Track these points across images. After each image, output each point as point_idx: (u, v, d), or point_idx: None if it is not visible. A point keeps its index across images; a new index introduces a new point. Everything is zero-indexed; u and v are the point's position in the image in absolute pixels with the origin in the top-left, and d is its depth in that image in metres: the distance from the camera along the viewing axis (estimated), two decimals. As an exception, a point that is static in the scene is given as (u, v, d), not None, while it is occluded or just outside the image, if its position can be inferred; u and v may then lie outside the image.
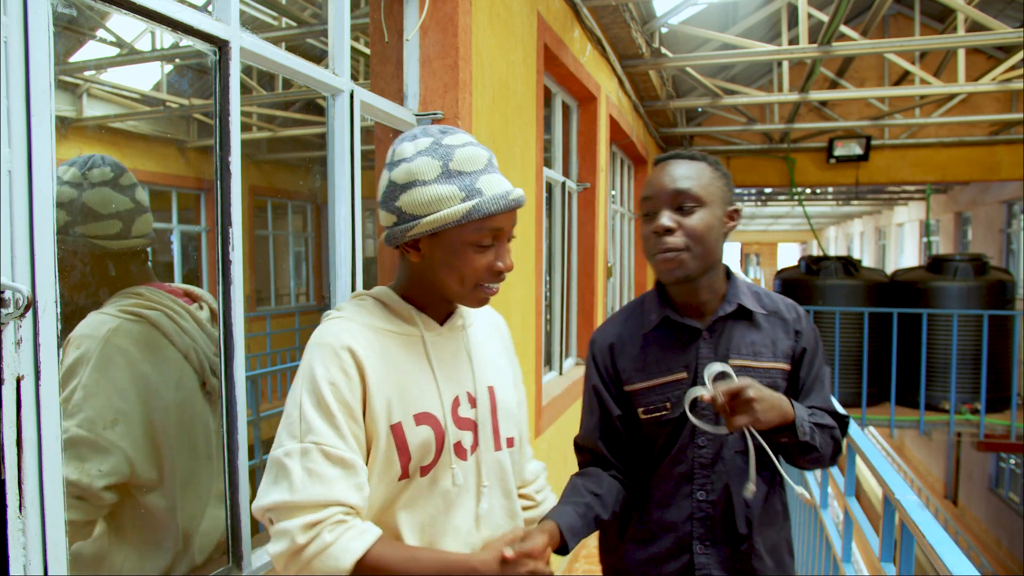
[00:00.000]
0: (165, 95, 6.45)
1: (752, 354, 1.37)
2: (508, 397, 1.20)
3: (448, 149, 1.05)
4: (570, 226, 4.41)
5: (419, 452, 1.05)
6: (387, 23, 2.22)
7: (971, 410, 6.28)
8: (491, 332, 1.25)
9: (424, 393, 1.08)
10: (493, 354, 1.21)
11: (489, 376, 1.17)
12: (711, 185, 1.33)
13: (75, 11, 1.17)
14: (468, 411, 1.12)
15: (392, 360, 1.06)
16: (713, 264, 1.35)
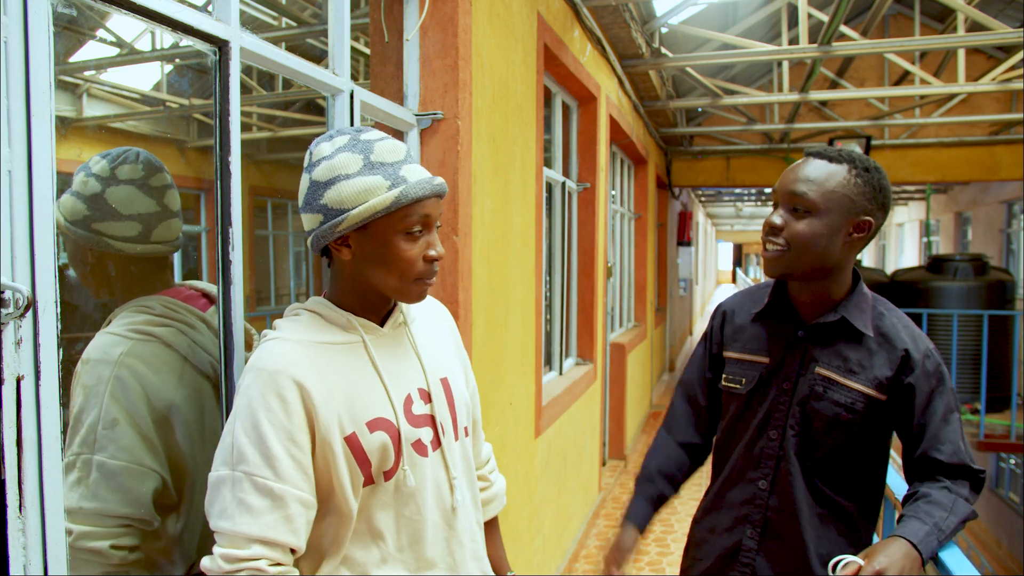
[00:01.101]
0: (165, 95, 6.45)
1: (843, 370, 1.36)
2: (461, 386, 1.21)
3: (367, 143, 1.06)
4: (570, 226, 4.41)
5: (378, 458, 1.05)
6: (387, 23, 2.22)
7: (971, 410, 6.28)
8: (436, 323, 1.24)
9: (374, 399, 1.06)
10: (441, 345, 1.22)
11: (441, 368, 1.17)
12: (835, 192, 1.30)
13: (75, 11, 1.17)
14: (422, 407, 1.12)
15: (335, 372, 1.04)
16: (822, 271, 1.34)
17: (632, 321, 7.27)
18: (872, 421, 1.36)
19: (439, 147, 2.23)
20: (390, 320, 1.13)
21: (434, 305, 1.29)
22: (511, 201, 2.79)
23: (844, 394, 1.35)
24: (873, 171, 1.33)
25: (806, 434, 1.37)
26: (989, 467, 9.95)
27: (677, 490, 1.57)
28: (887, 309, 1.42)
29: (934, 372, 1.34)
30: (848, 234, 1.32)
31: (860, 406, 1.34)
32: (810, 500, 1.37)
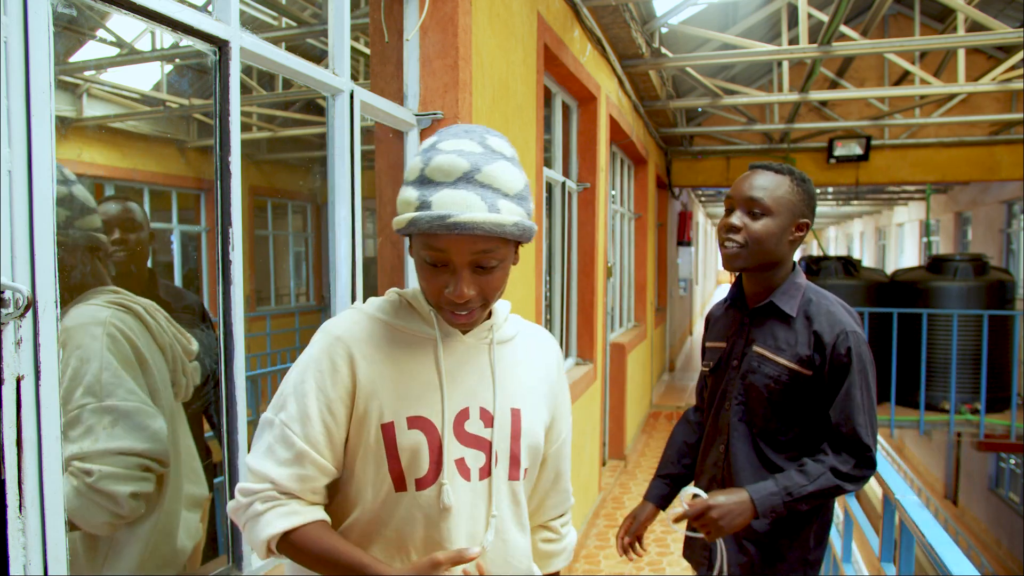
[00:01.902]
0: (165, 95, 6.45)
1: (773, 347, 1.60)
2: (535, 426, 1.09)
3: (435, 153, 0.97)
4: (570, 226, 4.41)
5: (409, 458, 0.99)
6: (387, 23, 2.21)
7: (971, 410, 6.28)
8: (535, 355, 1.14)
9: (424, 397, 1.02)
10: (530, 377, 1.11)
11: (516, 398, 1.07)
12: (783, 198, 1.56)
13: (75, 11, 1.17)
14: (480, 428, 1.03)
15: (395, 357, 1.02)
16: (769, 264, 1.59)
17: (632, 321, 7.27)
18: (798, 392, 1.56)
19: (439, 147, 2.23)
20: (476, 331, 1.07)
21: (543, 339, 1.18)
22: (511, 201, 2.78)
23: (772, 368, 1.58)
24: (808, 182, 1.61)
25: (748, 403, 1.62)
26: (989, 467, 9.95)
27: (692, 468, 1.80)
28: (818, 296, 1.61)
29: (845, 353, 1.52)
30: (792, 232, 1.58)
31: (785, 379, 1.56)
32: (753, 459, 1.61)
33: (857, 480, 1.50)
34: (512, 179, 0.95)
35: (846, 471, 1.49)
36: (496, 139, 0.99)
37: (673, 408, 7.93)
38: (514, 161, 0.98)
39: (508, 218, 0.92)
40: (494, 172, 0.94)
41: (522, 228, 0.95)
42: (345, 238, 1.80)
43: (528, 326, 1.17)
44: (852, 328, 1.54)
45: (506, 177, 0.94)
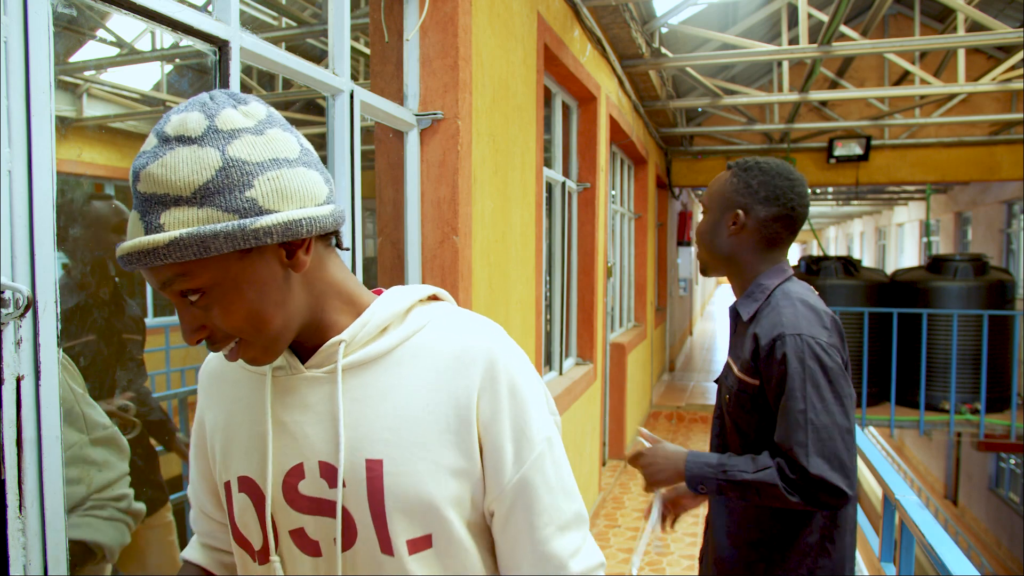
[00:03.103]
0: (165, 95, 6.45)
1: (733, 356, 1.50)
2: (416, 479, 0.74)
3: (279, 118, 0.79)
4: (570, 226, 4.41)
5: (243, 526, 0.81)
6: (387, 23, 2.21)
7: (971, 410, 6.28)
8: (430, 370, 0.77)
9: (251, 451, 0.80)
10: (411, 406, 0.76)
11: (375, 443, 0.75)
12: (716, 193, 1.52)
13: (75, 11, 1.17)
14: (321, 489, 0.76)
15: (233, 399, 0.84)
16: (726, 263, 1.53)
17: (632, 321, 7.27)
18: (749, 405, 1.44)
19: (439, 147, 2.23)
20: (320, 354, 0.78)
21: (459, 346, 0.78)
22: (511, 201, 2.78)
23: (730, 378, 1.49)
24: (753, 170, 1.49)
25: (720, 418, 1.56)
26: (989, 467, 9.95)
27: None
28: (784, 296, 1.44)
29: (780, 360, 1.35)
30: (728, 226, 1.51)
31: (735, 389, 1.47)
32: None
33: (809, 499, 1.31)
34: (188, 170, 0.65)
35: (794, 479, 1.31)
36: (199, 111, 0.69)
37: (673, 408, 7.93)
38: (208, 138, 0.67)
39: (163, 236, 0.65)
40: (156, 172, 0.66)
41: (192, 241, 0.64)
42: (345, 238, 1.80)
43: (440, 328, 0.79)
44: (792, 331, 1.36)
45: (177, 171, 0.65)
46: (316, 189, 0.72)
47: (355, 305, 0.79)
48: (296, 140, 0.73)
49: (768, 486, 1.34)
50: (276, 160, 0.69)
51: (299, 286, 0.74)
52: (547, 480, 0.77)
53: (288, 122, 0.75)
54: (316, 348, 0.79)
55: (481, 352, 0.77)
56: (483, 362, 0.76)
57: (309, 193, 0.71)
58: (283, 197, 0.69)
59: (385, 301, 0.80)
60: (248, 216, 0.67)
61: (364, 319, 0.78)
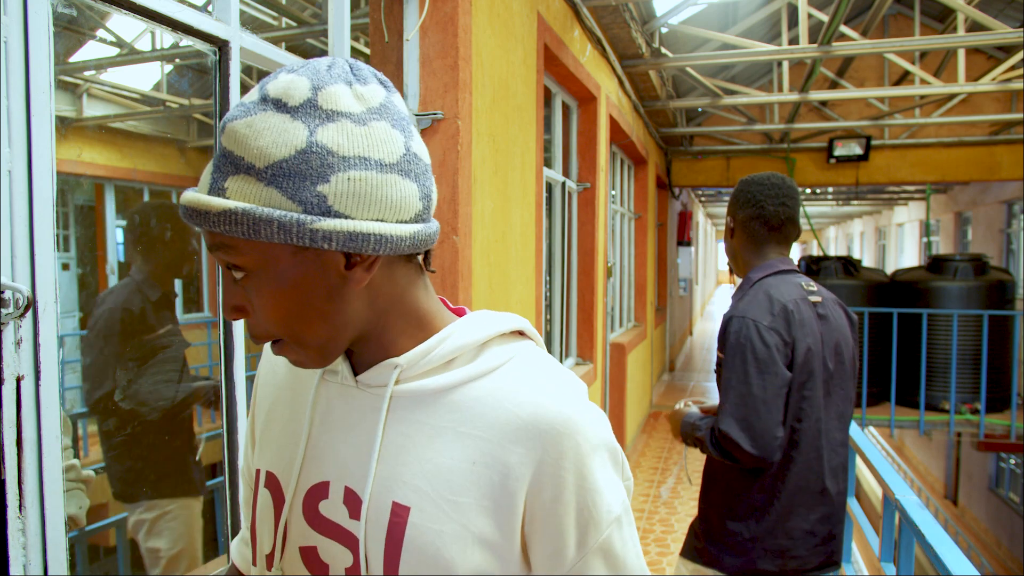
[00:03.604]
0: (165, 95, 6.45)
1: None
2: (439, 539, 0.65)
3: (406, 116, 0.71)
4: (570, 226, 4.41)
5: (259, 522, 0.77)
6: (387, 23, 2.22)
7: (971, 410, 6.28)
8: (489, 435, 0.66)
9: (285, 448, 0.76)
10: (454, 458, 0.66)
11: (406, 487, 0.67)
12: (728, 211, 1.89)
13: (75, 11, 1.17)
14: (342, 516, 0.69)
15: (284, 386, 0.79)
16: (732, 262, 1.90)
17: (632, 321, 7.27)
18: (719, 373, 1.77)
19: (439, 147, 2.23)
20: (375, 371, 0.70)
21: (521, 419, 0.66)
22: (511, 201, 2.79)
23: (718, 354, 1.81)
24: (738, 184, 1.88)
25: None
26: (989, 467, 9.95)
27: None
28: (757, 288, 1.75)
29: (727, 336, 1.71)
30: (728, 233, 1.90)
31: (716, 362, 1.80)
32: None
33: (727, 455, 1.68)
34: (269, 140, 0.59)
35: (715, 436, 1.71)
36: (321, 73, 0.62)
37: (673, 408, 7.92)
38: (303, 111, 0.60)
39: (218, 202, 0.59)
40: (241, 131, 0.60)
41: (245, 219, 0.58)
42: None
43: (514, 378, 0.68)
44: (740, 314, 1.68)
45: (259, 138, 0.59)
46: (405, 203, 0.63)
47: (425, 330, 0.70)
48: (403, 142, 0.63)
49: (704, 441, 1.74)
50: (366, 159, 0.60)
51: (358, 299, 0.66)
52: (614, 563, 0.67)
53: (407, 119, 0.66)
54: (373, 364, 0.70)
55: (551, 421, 0.65)
56: (551, 433, 0.64)
57: (393, 206, 0.62)
58: (360, 202, 0.60)
59: (459, 330, 0.69)
60: (312, 212, 0.59)
61: (428, 346, 0.68)
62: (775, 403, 1.64)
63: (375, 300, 0.67)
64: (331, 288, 0.63)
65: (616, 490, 0.67)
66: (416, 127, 0.67)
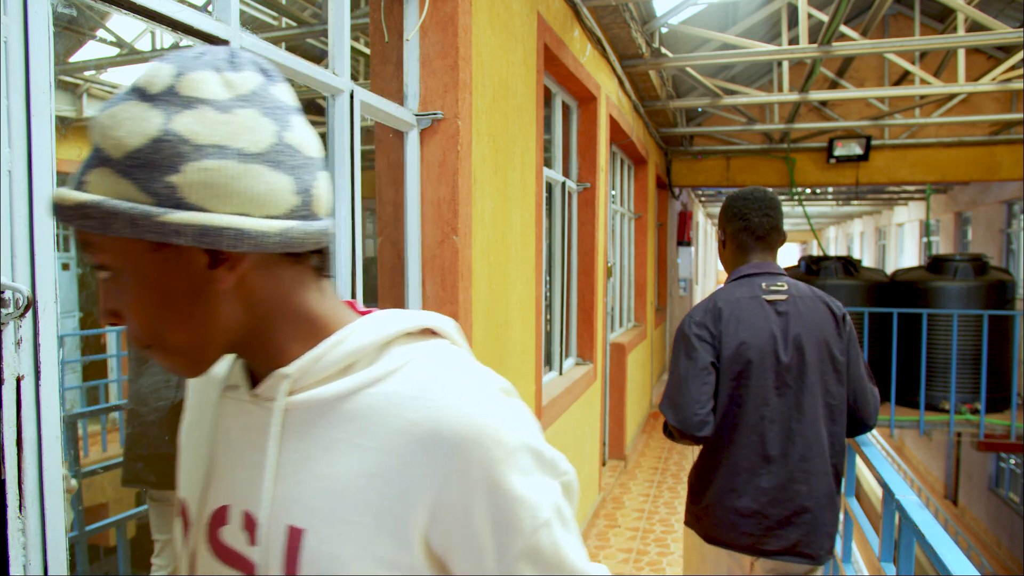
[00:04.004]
0: (165, 95, 6.44)
1: None
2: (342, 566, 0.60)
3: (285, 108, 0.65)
4: (570, 226, 4.41)
5: (178, 552, 0.72)
6: (387, 23, 2.21)
7: (971, 410, 6.28)
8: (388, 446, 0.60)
9: (193, 473, 0.71)
10: (355, 473, 0.60)
11: (302, 509, 0.61)
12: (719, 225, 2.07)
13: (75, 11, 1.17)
14: (242, 543, 0.64)
15: (195, 410, 0.75)
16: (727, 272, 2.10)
17: (632, 321, 7.27)
18: None
19: (439, 147, 2.23)
20: (268, 382, 0.64)
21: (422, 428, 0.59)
22: (511, 201, 2.79)
23: None
24: (725, 200, 2.06)
25: None
26: (989, 467, 9.95)
27: None
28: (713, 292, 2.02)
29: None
30: (720, 246, 2.11)
31: None
32: None
33: (665, 430, 2.00)
34: (126, 130, 0.55)
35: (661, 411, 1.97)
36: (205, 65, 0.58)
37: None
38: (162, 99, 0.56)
39: (71, 195, 0.56)
40: (103, 121, 0.57)
41: (96, 212, 0.55)
42: (345, 238, 1.80)
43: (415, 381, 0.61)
44: (688, 314, 1.97)
45: (117, 128, 0.56)
46: (273, 197, 0.57)
47: (318, 335, 0.64)
48: (274, 131, 0.58)
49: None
50: (223, 148, 0.55)
51: (229, 303, 0.60)
52: (545, 564, 0.61)
53: (296, 111, 0.62)
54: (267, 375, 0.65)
55: (454, 427, 0.58)
56: (455, 441, 0.58)
57: (257, 199, 0.57)
58: (215, 194, 0.55)
59: (356, 331, 0.63)
60: (164, 204, 0.54)
61: (320, 351, 0.62)
62: (695, 383, 1.88)
63: (255, 305, 0.62)
64: (194, 289, 0.59)
65: (543, 493, 0.61)
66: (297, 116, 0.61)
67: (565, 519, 0.63)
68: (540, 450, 0.63)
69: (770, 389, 1.88)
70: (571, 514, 0.65)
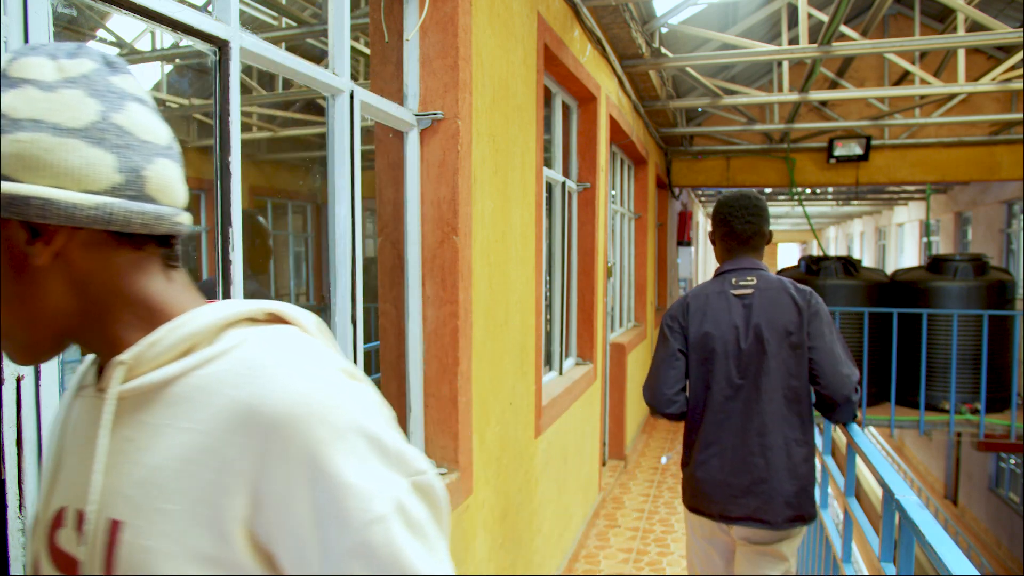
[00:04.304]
0: (165, 95, 6.45)
1: None
2: (155, 561, 0.56)
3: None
4: (570, 226, 4.41)
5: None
6: (387, 23, 2.21)
7: (971, 410, 6.28)
8: (206, 429, 0.57)
9: (44, 481, 0.68)
10: (167, 470, 0.57)
11: (121, 503, 0.58)
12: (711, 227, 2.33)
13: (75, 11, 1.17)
14: (72, 543, 0.61)
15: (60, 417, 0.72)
16: None
17: (632, 321, 7.27)
18: None
19: (439, 147, 2.23)
20: (104, 376, 0.63)
21: (240, 409, 0.56)
22: (511, 201, 2.78)
23: None
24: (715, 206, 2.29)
25: None
26: (989, 467, 9.95)
27: None
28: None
29: None
30: (715, 246, 2.35)
31: None
32: None
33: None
34: None
35: None
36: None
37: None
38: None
39: None
40: None
41: None
42: (345, 238, 1.80)
43: (240, 361, 0.58)
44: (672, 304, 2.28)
45: None
46: (91, 172, 0.57)
47: (157, 322, 0.62)
48: (99, 111, 0.58)
49: None
50: (39, 122, 0.56)
51: (58, 284, 0.59)
52: (380, 564, 0.55)
53: (139, 101, 0.61)
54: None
55: (275, 404, 0.55)
56: (274, 418, 0.55)
57: (72, 172, 0.56)
58: (26, 165, 0.55)
59: (194, 316, 0.61)
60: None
61: (156, 336, 0.60)
62: (664, 368, 2.23)
63: (85, 288, 0.60)
64: (15, 265, 0.58)
65: (380, 484, 0.55)
66: (139, 105, 0.61)
67: (412, 521, 0.57)
68: (380, 438, 0.57)
69: (732, 373, 2.16)
70: (425, 519, 0.58)
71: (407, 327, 2.24)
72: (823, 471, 2.91)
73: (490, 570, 2.57)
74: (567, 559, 3.87)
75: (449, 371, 2.23)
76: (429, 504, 0.59)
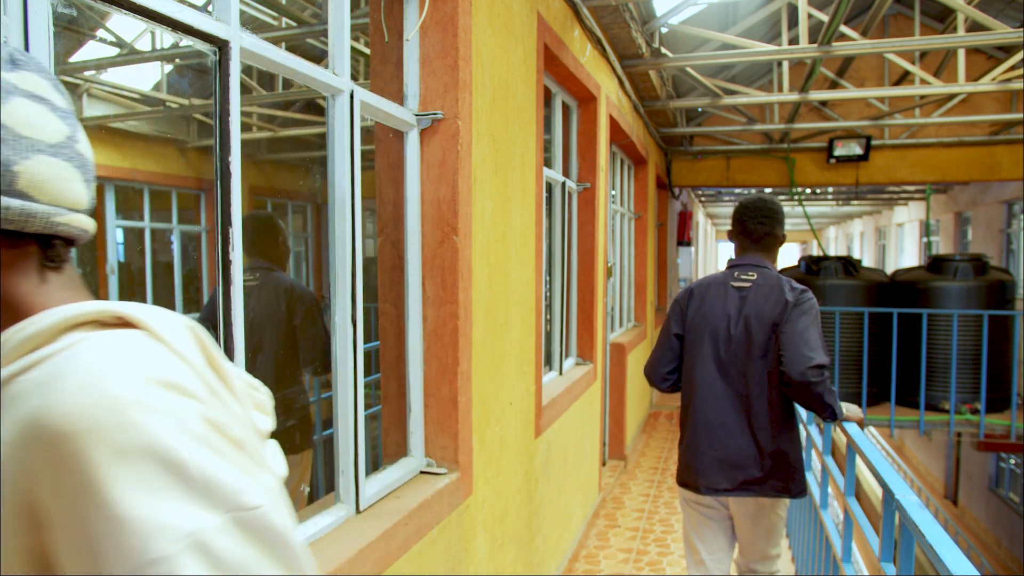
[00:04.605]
0: (165, 95, 6.45)
1: None
2: None
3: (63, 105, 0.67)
4: (570, 226, 4.41)
5: None
6: (387, 23, 2.21)
7: (971, 410, 6.28)
8: (8, 440, 0.52)
9: None
10: None
11: None
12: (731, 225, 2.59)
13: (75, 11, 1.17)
14: None
15: None
16: None
17: (632, 321, 7.27)
18: None
19: (439, 147, 2.23)
20: None
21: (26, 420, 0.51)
22: (511, 201, 2.78)
23: None
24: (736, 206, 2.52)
25: None
26: (989, 467, 9.95)
27: None
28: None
29: None
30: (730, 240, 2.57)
31: None
32: None
33: None
34: None
35: None
36: None
37: (673, 408, 7.92)
38: None
39: None
40: None
41: None
42: (345, 238, 1.80)
43: (52, 368, 0.53)
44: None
45: None
46: None
47: (18, 321, 0.59)
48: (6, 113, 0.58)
49: None
50: None
51: None
52: None
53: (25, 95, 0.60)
54: None
55: (54, 417, 0.49)
56: (50, 433, 0.49)
57: None
58: None
59: (39, 315, 0.57)
60: None
61: (6, 336, 0.57)
62: (661, 348, 2.51)
63: None
64: None
65: (170, 519, 0.48)
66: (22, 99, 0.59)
67: (221, 563, 0.49)
68: (183, 465, 0.50)
69: (721, 357, 2.36)
70: (246, 561, 0.50)
71: (407, 327, 2.24)
72: (823, 471, 2.91)
73: (490, 570, 2.57)
74: (567, 559, 3.87)
75: (449, 371, 2.23)
76: (259, 543, 0.51)
